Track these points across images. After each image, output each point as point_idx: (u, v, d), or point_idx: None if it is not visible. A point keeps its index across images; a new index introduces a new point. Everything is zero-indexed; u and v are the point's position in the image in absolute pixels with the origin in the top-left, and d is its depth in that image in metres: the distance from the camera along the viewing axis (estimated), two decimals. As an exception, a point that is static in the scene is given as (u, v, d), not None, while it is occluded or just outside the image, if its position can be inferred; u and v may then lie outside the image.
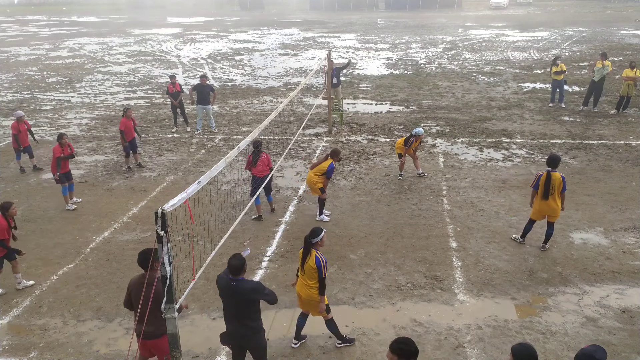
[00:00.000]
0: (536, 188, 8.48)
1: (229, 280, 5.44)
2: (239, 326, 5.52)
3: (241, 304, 5.45)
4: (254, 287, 5.46)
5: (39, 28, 53.97)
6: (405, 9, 68.98)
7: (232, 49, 34.56)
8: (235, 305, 5.47)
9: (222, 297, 5.58)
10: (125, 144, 12.69)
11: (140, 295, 5.33)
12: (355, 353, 6.52)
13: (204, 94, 15.46)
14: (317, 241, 6.17)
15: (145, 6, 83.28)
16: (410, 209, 10.45)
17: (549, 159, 8.49)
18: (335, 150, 9.90)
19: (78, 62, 30.41)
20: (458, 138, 14.83)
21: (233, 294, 5.43)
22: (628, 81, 16.41)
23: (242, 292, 5.40)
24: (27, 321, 7.30)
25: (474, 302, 7.47)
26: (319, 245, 6.22)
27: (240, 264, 5.44)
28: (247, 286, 5.43)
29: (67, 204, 10.85)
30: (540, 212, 8.60)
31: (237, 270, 5.43)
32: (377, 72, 25.40)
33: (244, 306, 5.46)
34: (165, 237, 5.05)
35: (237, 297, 5.43)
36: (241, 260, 5.47)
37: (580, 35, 38.21)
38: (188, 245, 8.64)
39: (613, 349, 6.45)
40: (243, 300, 5.43)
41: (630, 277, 7.96)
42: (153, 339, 5.57)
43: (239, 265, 5.43)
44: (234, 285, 5.41)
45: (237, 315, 5.49)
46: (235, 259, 5.47)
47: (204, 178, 5.89)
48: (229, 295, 5.47)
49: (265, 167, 9.89)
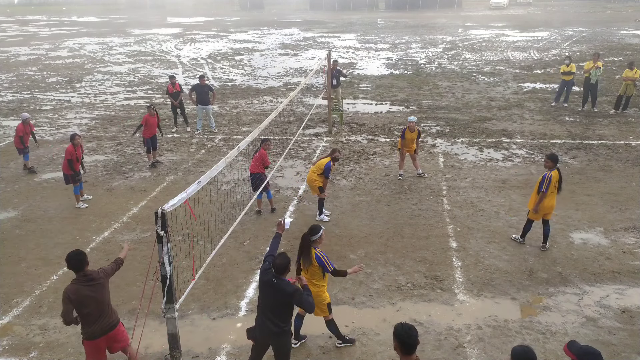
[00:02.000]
0: (547, 190, 8.43)
1: (271, 277, 5.44)
2: (269, 323, 5.51)
3: (276, 303, 5.47)
4: (291, 293, 5.40)
5: (39, 28, 53.97)
6: (405, 9, 68.99)
7: (232, 49, 34.56)
8: (271, 303, 5.49)
9: (260, 290, 5.60)
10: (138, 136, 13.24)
11: (91, 298, 5.46)
12: (355, 353, 6.52)
13: (203, 94, 15.47)
14: (316, 239, 6.18)
15: (145, 6, 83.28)
16: (410, 209, 10.44)
17: (554, 157, 8.50)
18: (334, 149, 9.93)
19: (78, 62, 30.41)
20: (458, 138, 14.82)
21: (272, 291, 5.43)
22: (627, 81, 16.41)
23: (280, 293, 5.40)
24: (27, 321, 7.29)
25: (474, 302, 7.47)
26: (318, 243, 6.23)
27: (285, 263, 5.44)
28: (286, 289, 5.40)
29: (77, 202, 10.90)
30: (542, 211, 8.62)
31: (282, 269, 5.43)
32: (377, 72, 25.40)
33: (279, 306, 5.48)
34: (165, 237, 5.06)
35: (275, 296, 5.44)
36: (286, 259, 5.46)
37: (580, 35, 38.21)
38: (188, 245, 8.64)
39: (613, 349, 6.46)
40: (279, 300, 5.44)
41: (630, 277, 7.96)
42: (114, 329, 5.71)
43: (283, 265, 5.43)
44: (275, 283, 5.41)
45: (269, 312, 5.50)
46: (280, 257, 5.48)
47: (204, 178, 5.90)
48: (267, 291, 5.48)
49: (257, 164, 9.99)
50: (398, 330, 4.17)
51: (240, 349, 6.62)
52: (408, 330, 4.14)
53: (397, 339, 4.16)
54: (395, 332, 4.17)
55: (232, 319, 7.22)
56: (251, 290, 7.85)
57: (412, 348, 4.14)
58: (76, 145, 10.76)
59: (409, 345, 4.13)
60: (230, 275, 8.26)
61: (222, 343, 6.74)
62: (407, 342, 4.12)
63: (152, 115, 12.79)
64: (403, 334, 4.13)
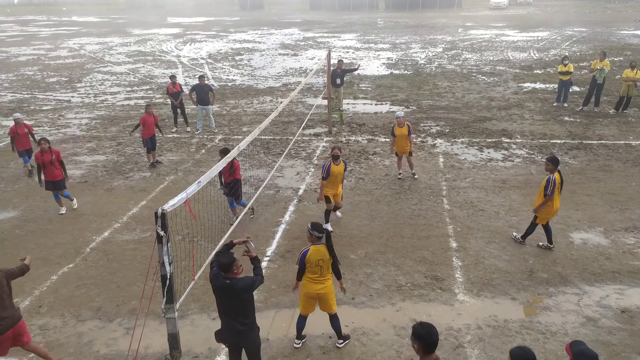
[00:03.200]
0: (552, 193, 8.33)
1: (223, 279, 5.35)
2: (234, 323, 5.48)
3: (236, 301, 5.41)
4: (248, 285, 5.40)
5: (39, 28, 53.96)
6: (405, 9, 68.99)
7: (232, 49, 34.55)
8: (230, 303, 5.43)
9: (216, 295, 5.50)
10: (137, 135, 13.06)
11: None
12: (355, 353, 6.52)
13: (203, 94, 15.47)
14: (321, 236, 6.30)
15: (146, 6, 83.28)
16: (410, 209, 10.44)
17: (555, 160, 8.42)
18: (332, 146, 9.70)
19: (78, 62, 30.41)
20: (458, 138, 14.82)
21: (228, 292, 5.36)
22: (628, 82, 16.41)
23: (236, 291, 5.34)
24: (27, 321, 7.26)
25: (474, 302, 7.47)
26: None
27: (229, 260, 5.36)
28: (240, 284, 5.37)
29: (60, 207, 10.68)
30: (549, 214, 8.59)
31: (227, 267, 5.35)
32: (377, 72, 25.40)
33: (238, 304, 5.43)
34: (165, 237, 5.06)
35: (232, 295, 5.38)
36: (230, 257, 5.40)
37: (580, 35, 38.21)
38: (188, 245, 8.64)
39: (613, 349, 6.46)
40: (237, 298, 5.39)
41: (630, 277, 7.96)
42: (17, 324, 5.91)
43: (228, 263, 5.35)
44: (229, 284, 5.33)
45: (232, 312, 5.46)
46: (224, 256, 5.44)
47: (204, 178, 5.90)
48: (223, 293, 5.41)
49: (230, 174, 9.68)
50: (419, 330, 4.15)
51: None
52: (429, 329, 4.15)
53: (419, 339, 4.14)
54: (416, 333, 4.16)
55: (232, 319, 7.21)
56: (251, 290, 7.85)
57: (434, 347, 4.15)
58: (43, 150, 10.18)
59: (432, 344, 4.13)
60: (230, 275, 8.25)
61: (221, 343, 6.73)
62: (430, 341, 4.12)
63: (150, 115, 12.77)
64: (425, 334, 4.13)
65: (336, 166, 9.27)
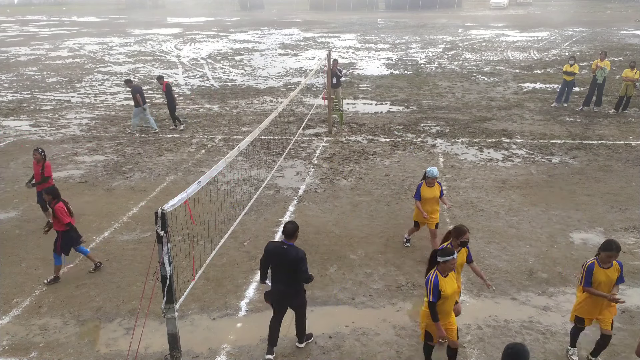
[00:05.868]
0: (588, 285, 5.98)
1: (281, 244, 6.10)
2: (284, 287, 6.18)
3: (288, 267, 6.07)
4: (301, 257, 6.03)
5: (39, 28, 53.95)
6: (405, 9, 68.96)
7: (232, 49, 34.55)
8: (282, 268, 6.12)
9: (270, 261, 6.20)
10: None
11: None
12: (355, 353, 6.52)
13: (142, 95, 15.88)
14: (442, 261, 5.55)
15: (146, 6, 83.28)
16: (410, 209, 10.42)
17: (613, 246, 5.97)
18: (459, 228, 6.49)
19: (78, 62, 30.41)
20: (458, 138, 14.82)
21: (282, 257, 6.06)
22: (627, 81, 16.41)
23: (290, 257, 6.01)
24: (27, 321, 7.29)
25: (474, 302, 7.47)
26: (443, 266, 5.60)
27: (293, 228, 6.10)
28: (295, 253, 6.03)
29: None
30: (590, 312, 6.14)
31: (290, 233, 6.07)
32: (377, 72, 25.40)
33: (291, 270, 6.07)
34: (165, 237, 5.06)
35: (286, 260, 6.04)
36: (294, 225, 6.13)
37: (580, 35, 38.22)
38: (188, 245, 8.64)
39: (613, 349, 6.46)
40: (290, 264, 6.04)
41: (630, 277, 7.95)
42: None
43: (292, 229, 6.08)
44: (285, 249, 6.06)
45: (284, 276, 6.14)
46: (290, 223, 6.17)
47: (204, 178, 5.90)
48: (278, 258, 6.11)
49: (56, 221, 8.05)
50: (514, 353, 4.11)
51: (240, 349, 6.62)
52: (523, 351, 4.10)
53: None
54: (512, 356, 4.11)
55: (232, 319, 7.22)
56: (251, 291, 7.85)
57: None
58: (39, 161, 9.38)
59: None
60: (230, 275, 8.26)
61: (222, 343, 6.74)
62: None
63: (37, 162, 9.58)
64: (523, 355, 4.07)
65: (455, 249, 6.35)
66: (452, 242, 6.35)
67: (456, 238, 6.33)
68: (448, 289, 5.51)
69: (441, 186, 8.53)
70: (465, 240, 6.34)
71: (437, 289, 5.46)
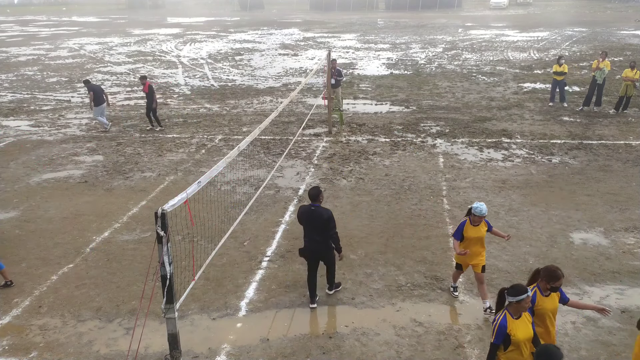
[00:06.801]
0: None
1: (309, 206, 7.04)
2: (315, 244, 7.09)
3: (317, 224, 6.97)
4: (329, 216, 6.96)
5: (39, 28, 53.96)
6: (405, 9, 68.98)
7: (232, 49, 34.56)
8: (313, 225, 7.03)
9: (302, 222, 7.19)
10: None
11: None
12: (355, 353, 6.52)
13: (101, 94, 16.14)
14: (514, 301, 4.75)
15: (145, 6, 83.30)
16: (410, 209, 10.44)
17: None
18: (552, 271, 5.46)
19: (78, 62, 30.41)
20: (458, 138, 14.82)
21: (312, 216, 7.00)
22: (627, 81, 16.41)
23: (319, 216, 6.94)
24: (27, 321, 7.29)
25: (474, 302, 7.47)
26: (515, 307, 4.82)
27: (316, 192, 7.03)
28: (323, 212, 6.97)
29: None
30: None
31: (314, 197, 7.01)
32: (377, 72, 25.40)
33: (319, 225, 6.96)
34: (165, 237, 5.06)
35: (316, 220, 6.96)
36: (317, 189, 7.08)
37: (580, 35, 38.22)
38: (188, 245, 8.64)
39: (613, 349, 6.46)
40: (320, 222, 6.93)
41: (630, 277, 7.96)
42: None
43: (315, 193, 7.02)
44: (313, 210, 7.00)
45: (313, 231, 7.05)
46: (313, 188, 7.11)
47: (204, 178, 5.90)
48: (308, 217, 7.04)
49: None
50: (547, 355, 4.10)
51: (240, 349, 6.62)
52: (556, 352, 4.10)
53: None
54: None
55: (232, 319, 7.22)
56: (251, 291, 7.85)
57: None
58: None
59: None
60: (230, 275, 8.26)
61: (222, 343, 6.75)
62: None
63: None
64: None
65: (546, 298, 5.46)
66: (539, 284, 5.32)
67: (547, 282, 5.27)
68: (519, 334, 4.60)
69: (488, 223, 7.17)
70: (557, 287, 5.31)
71: (502, 331, 4.59)
